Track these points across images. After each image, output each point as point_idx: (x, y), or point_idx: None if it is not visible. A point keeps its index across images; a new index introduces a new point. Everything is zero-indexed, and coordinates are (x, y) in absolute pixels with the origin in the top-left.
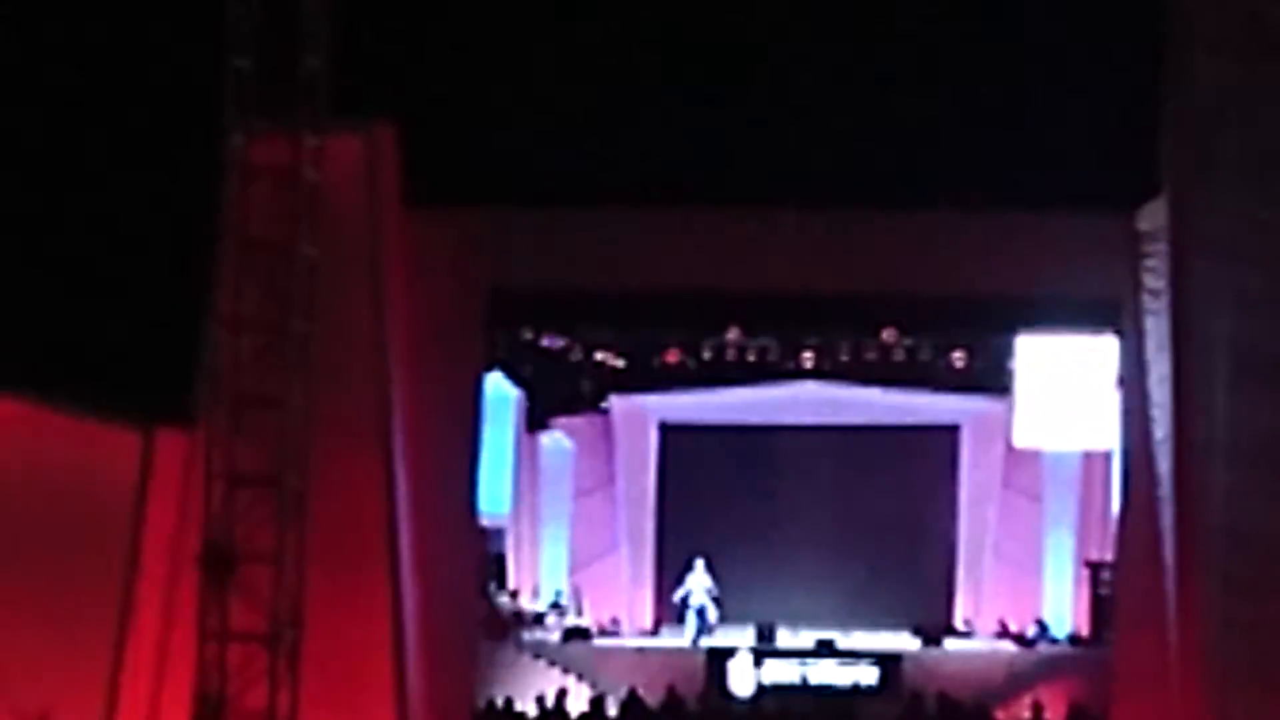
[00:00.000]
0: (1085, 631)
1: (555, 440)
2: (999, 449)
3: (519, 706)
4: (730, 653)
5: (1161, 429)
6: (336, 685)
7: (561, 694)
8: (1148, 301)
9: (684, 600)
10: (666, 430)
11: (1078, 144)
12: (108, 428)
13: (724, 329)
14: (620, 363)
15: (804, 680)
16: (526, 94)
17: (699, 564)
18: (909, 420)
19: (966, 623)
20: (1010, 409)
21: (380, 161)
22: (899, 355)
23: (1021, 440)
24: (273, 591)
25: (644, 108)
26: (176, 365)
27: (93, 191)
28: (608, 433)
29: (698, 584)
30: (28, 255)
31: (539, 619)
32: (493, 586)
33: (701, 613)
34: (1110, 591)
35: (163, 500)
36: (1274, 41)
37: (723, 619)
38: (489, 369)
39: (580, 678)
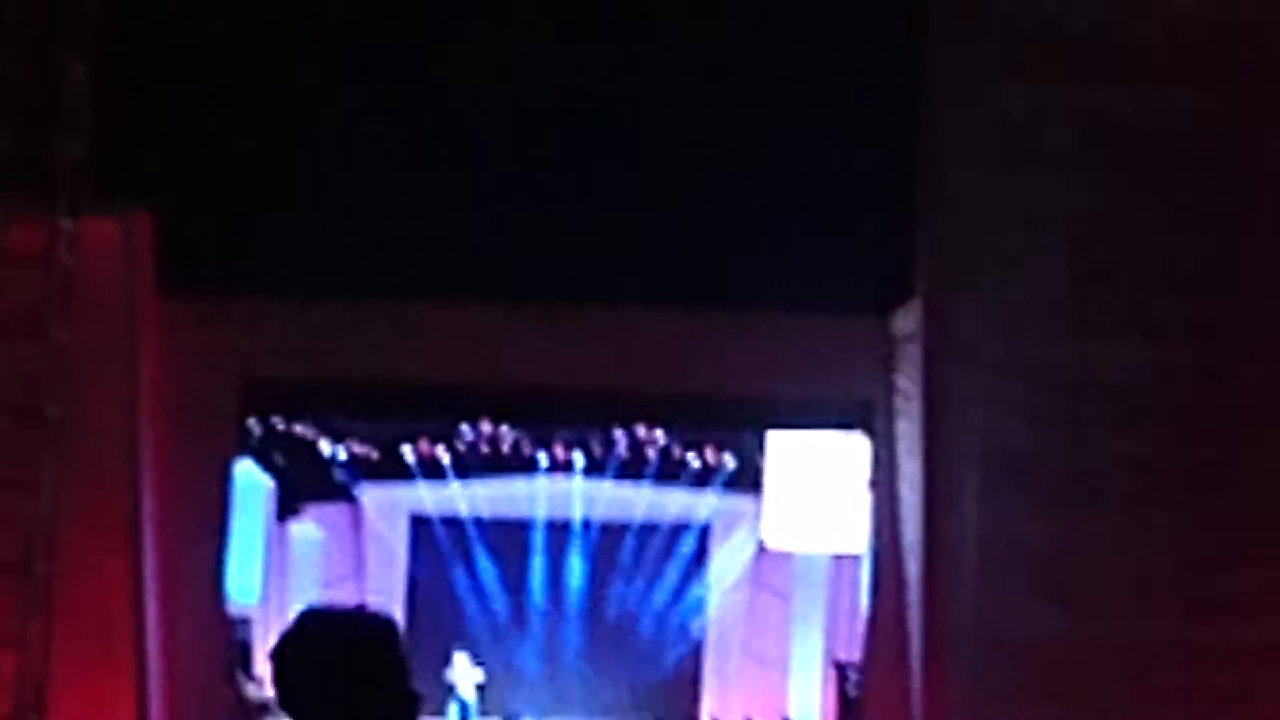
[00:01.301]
0: None
1: (306, 529)
2: (750, 547)
3: None
4: None
5: (911, 531)
6: None
7: None
8: (899, 404)
9: (449, 690)
10: (417, 521)
11: (832, 246)
12: None
13: (476, 421)
14: (373, 453)
15: None
16: (281, 186)
17: (461, 656)
18: (660, 516)
19: (713, 718)
20: (761, 508)
21: (136, 248)
22: (651, 451)
23: (772, 540)
24: (16, 678)
25: (396, 201)
26: None
27: None
28: (358, 523)
29: (463, 676)
30: None
31: None
32: (240, 674)
33: (464, 706)
34: (858, 692)
35: None
36: (1029, 151)
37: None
38: (241, 457)
39: None
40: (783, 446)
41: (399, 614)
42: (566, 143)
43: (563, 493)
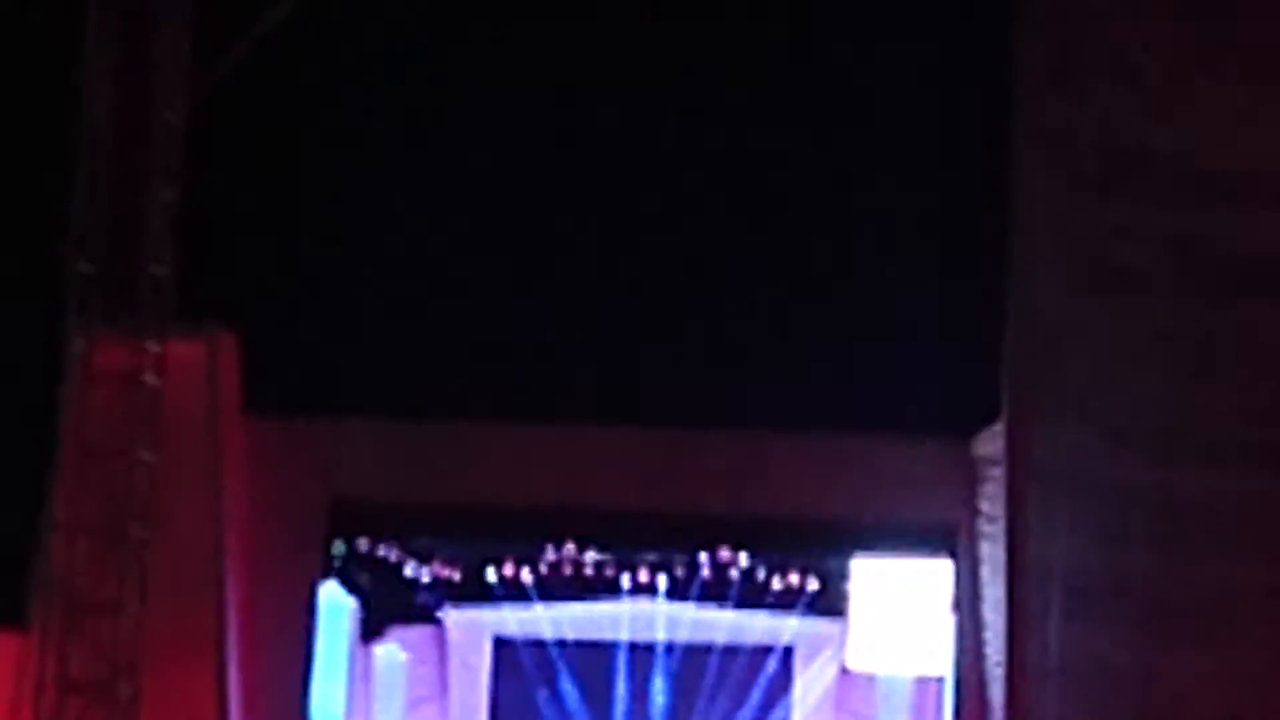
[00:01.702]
0: None
1: (389, 651)
2: (832, 670)
3: None
4: None
5: (995, 654)
6: None
7: None
8: (983, 526)
9: None
10: (500, 644)
11: (917, 370)
12: None
13: (561, 544)
14: (456, 575)
15: None
16: (368, 308)
17: None
18: (744, 640)
19: None
20: (844, 631)
21: (221, 368)
22: (734, 574)
23: (855, 663)
24: None
25: (483, 323)
26: (10, 569)
27: None
28: (442, 645)
29: None
30: None
31: None
32: None
33: None
34: None
35: None
36: (1116, 274)
37: None
38: (325, 578)
39: None
40: (867, 569)
41: None
42: (657, 274)
43: (646, 615)
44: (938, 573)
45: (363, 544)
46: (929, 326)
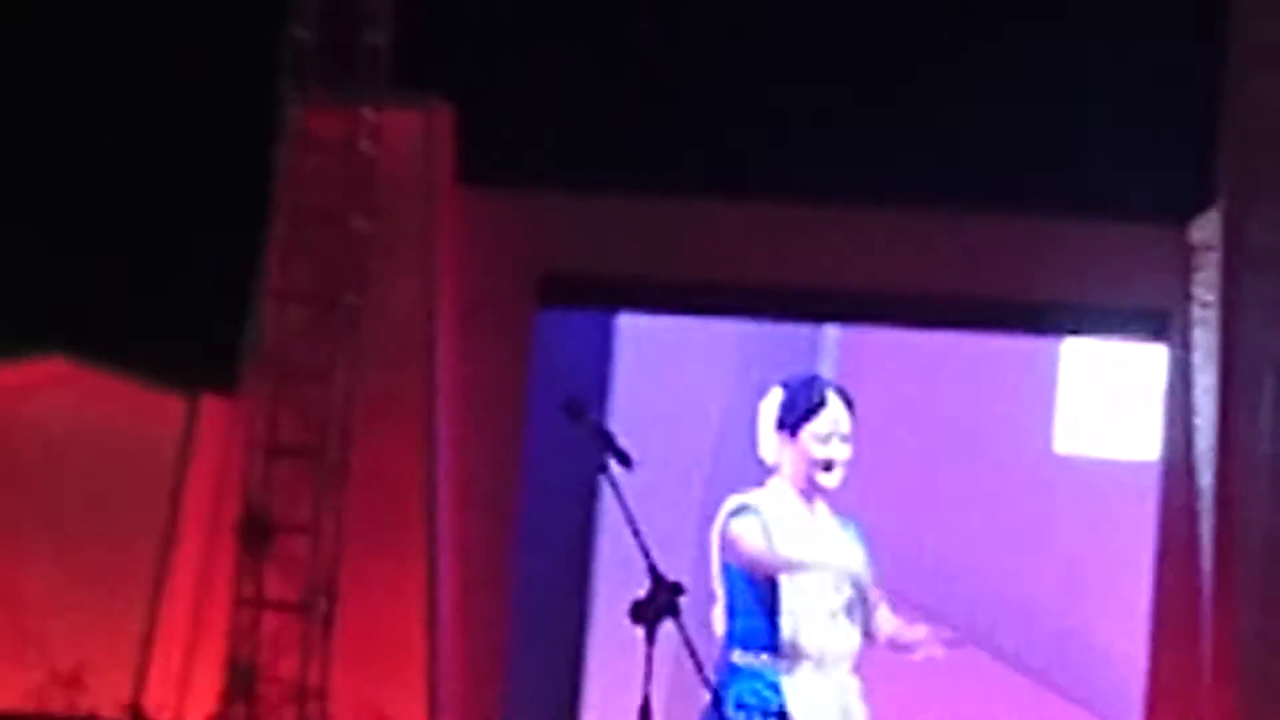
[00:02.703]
0: None
1: None
2: None
3: None
4: None
5: (1205, 441)
6: (369, 658)
7: None
8: (1197, 312)
9: None
10: None
11: (1132, 153)
12: (153, 392)
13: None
14: None
15: None
16: (586, 79)
17: None
18: None
19: None
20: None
21: (436, 139)
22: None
23: (1063, 446)
24: (309, 562)
25: (703, 96)
26: (224, 333)
27: (148, 155)
28: None
29: None
30: (81, 216)
31: None
32: None
33: None
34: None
35: (204, 467)
36: None
37: None
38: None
39: None
40: (1078, 351)
41: None
42: (876, 47)
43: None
44: (1150, 358)
45: None
46: (1145, 110)
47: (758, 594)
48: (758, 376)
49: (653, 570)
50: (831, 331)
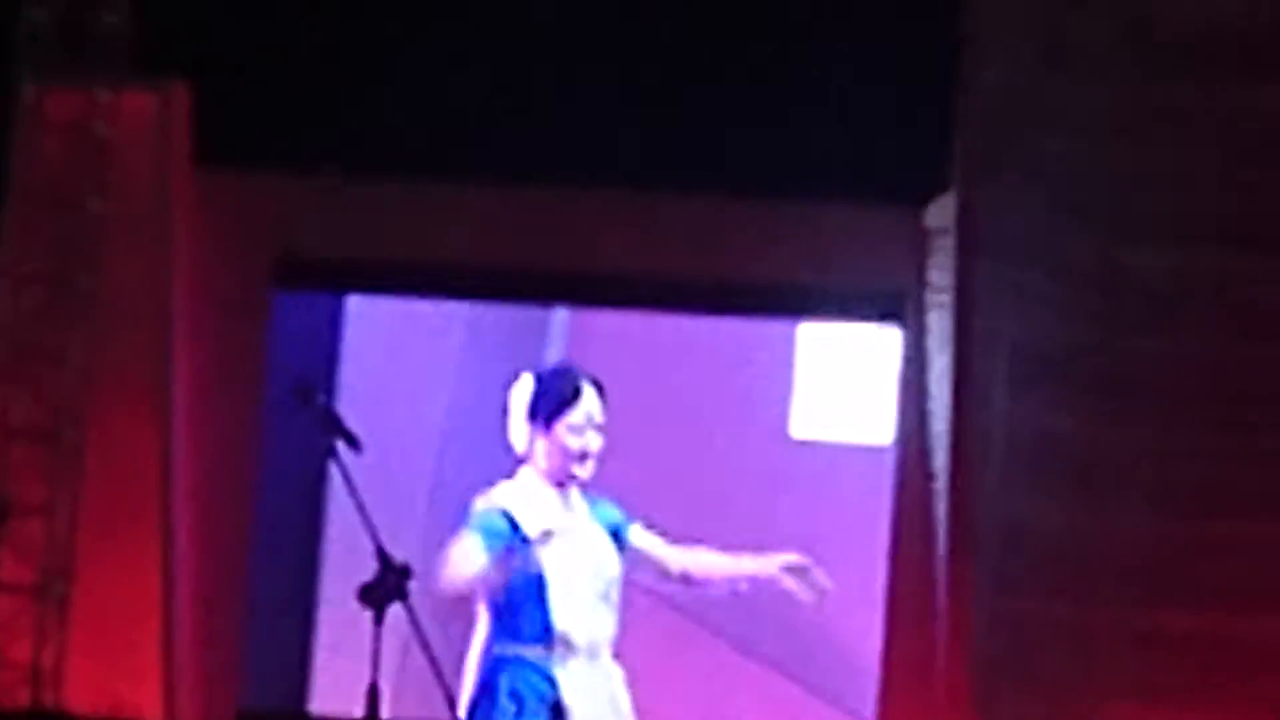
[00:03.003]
0: None
1: None
2: None
3: None
4: None
5: (939, 425)
6: (105, 641)
7: None
8: (931, 297)
9: None
10: None
11: (867, 137)
12: None
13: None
14: None
15: None
16: (324, 59)
17: None
18: None
19: None
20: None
21: (173, 120)
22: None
23: (800, 431)
24: (44, 545)
25: (441, 77)
26: None
27: None
28: None
29: None
30: None
31: None
32: None
33: None
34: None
35: None
36: (1068, 50)
37: None
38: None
39: None
40: (813, 335)
41: None
42: (608, 24)
43: None
44: (885, 341)
45: None
46: (879, 94)
47: (525, 586)
48: (486, 358)
49: (380, 552)
50: (560, 314)
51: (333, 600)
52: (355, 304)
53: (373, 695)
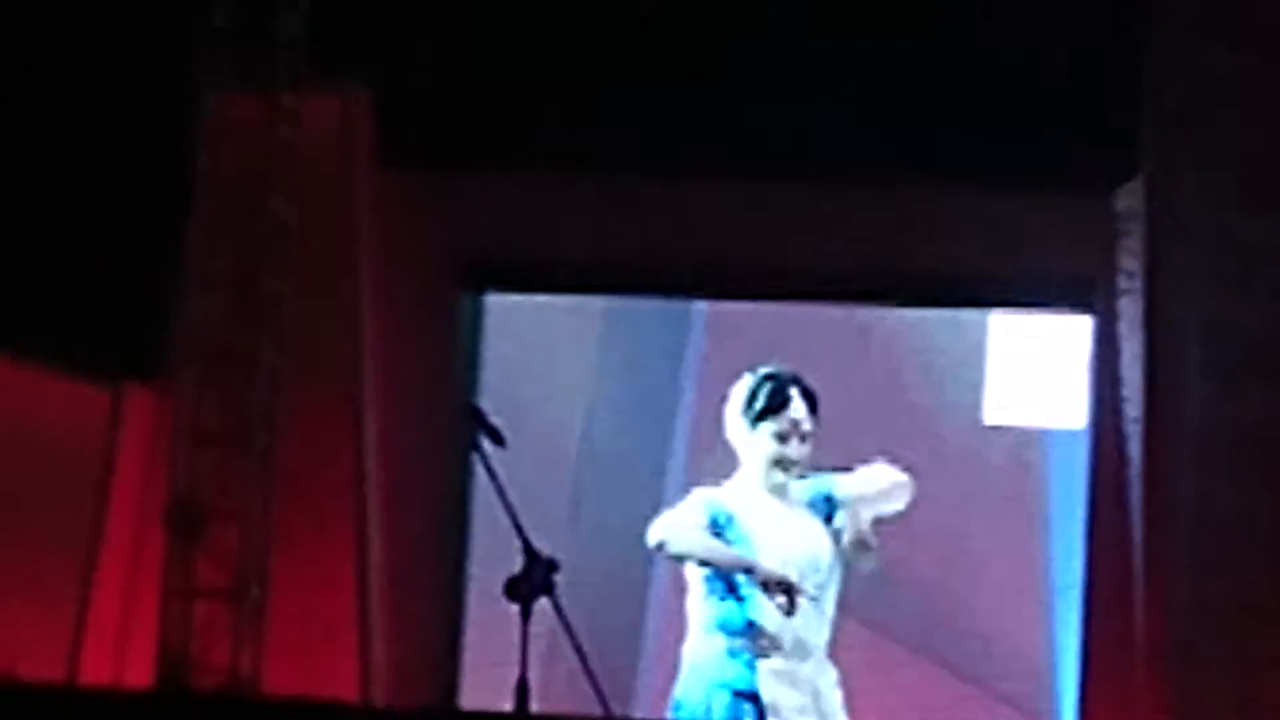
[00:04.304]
0: None
1: None
2: None
3: None
4: None
5: (1132, 411)
6: (301, 644)
7: None
8: (1122, 282)
9: None
10: None
11: (1056, 123)
12: (77, 383)
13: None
14: None
15: None
16: (505, 59)
17: None
18: None
19: None
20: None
21: (355, 123)
22: None
23: (992, 416)
24: (238, 549)
25: (619, 75)
26: (147, 322)
27: (67, 144)
28: None
29: None
30: None
31: None
32: None
33: None
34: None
35: (130, 457)
36: (1261, 33)
37: None
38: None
39: None
40: (1005, 324)
41: None
42: (792, 19)
43: None
44: (1076, 328)
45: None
46: (1068, 78)
47: (726, 580)
48: (624, 351)
49: (527, 547)
50: (700, 306)
51: (481, 596)
52: (494, 301)
53: (522, 689)
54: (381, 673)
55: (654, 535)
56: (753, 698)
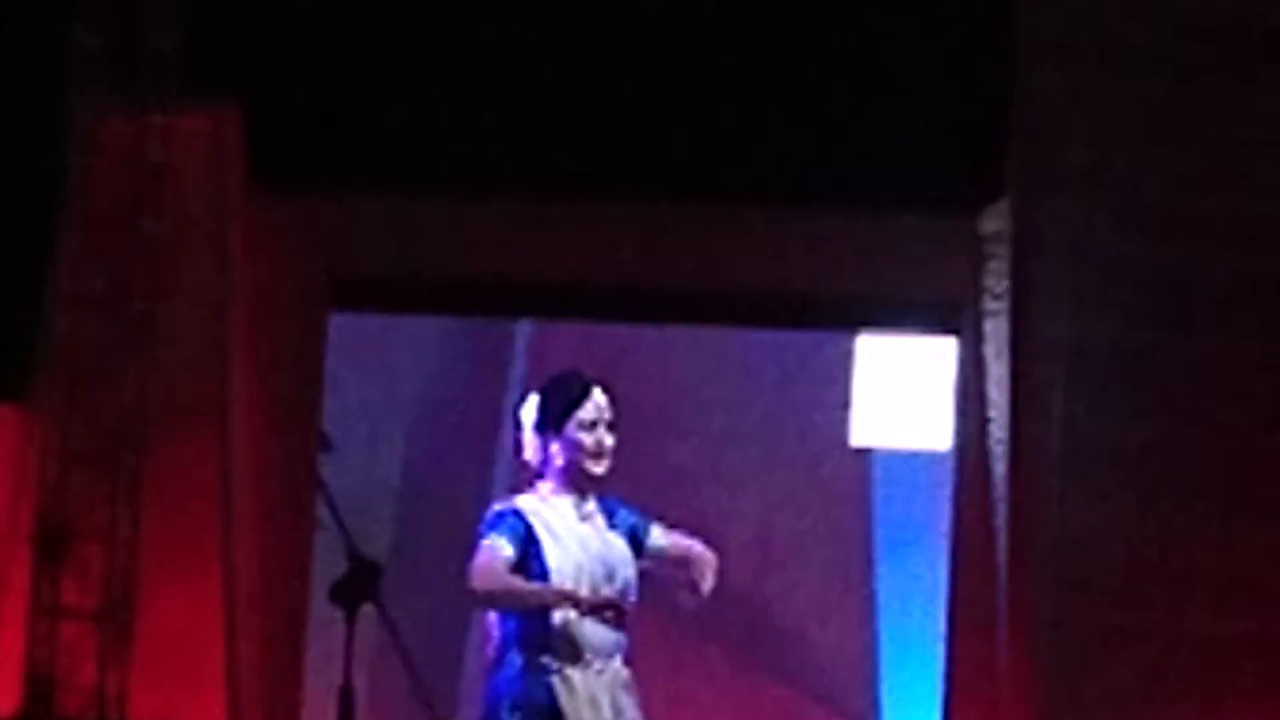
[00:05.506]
0: None
1: None
2: None
3: None
4: None
5: (998, 432)
6: (168, 665)
7: None
8: (988, 304)
9: None
10: None
11: (921, 145)
12: None
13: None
14: None
15: None
16: (376, 79)
17: None
18: None
19: None
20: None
21: (226, 142)
22: None
23: (858, 439)
24: (105, 569)
25: (491, 94)
26: (13, 342)
27: None
28: None
29: None
30: None
31: None
32: None
33: None
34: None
35: None
36: (1122, 56)
37: None
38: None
39: None
40: (870, 346)
41: None
42: (664, 38)
43: None
44: (942, 350)
45: None
46: (933, 101)
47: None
48: (451, 363)
49: (351, 551)
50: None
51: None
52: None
53: (345, 697)
54: (250, 692)
55: (473, 586)
56: (552, 708)
